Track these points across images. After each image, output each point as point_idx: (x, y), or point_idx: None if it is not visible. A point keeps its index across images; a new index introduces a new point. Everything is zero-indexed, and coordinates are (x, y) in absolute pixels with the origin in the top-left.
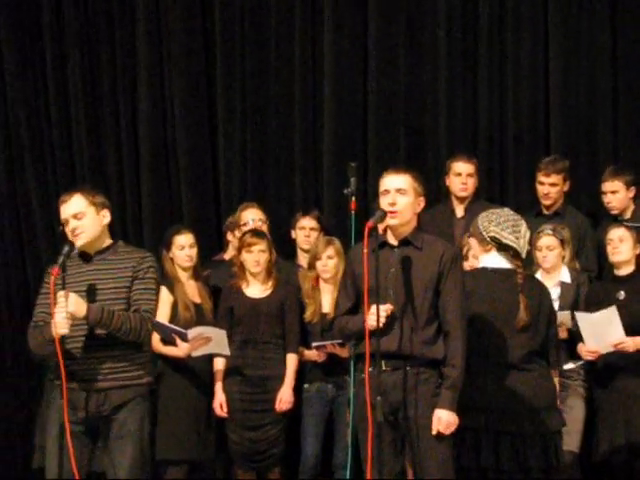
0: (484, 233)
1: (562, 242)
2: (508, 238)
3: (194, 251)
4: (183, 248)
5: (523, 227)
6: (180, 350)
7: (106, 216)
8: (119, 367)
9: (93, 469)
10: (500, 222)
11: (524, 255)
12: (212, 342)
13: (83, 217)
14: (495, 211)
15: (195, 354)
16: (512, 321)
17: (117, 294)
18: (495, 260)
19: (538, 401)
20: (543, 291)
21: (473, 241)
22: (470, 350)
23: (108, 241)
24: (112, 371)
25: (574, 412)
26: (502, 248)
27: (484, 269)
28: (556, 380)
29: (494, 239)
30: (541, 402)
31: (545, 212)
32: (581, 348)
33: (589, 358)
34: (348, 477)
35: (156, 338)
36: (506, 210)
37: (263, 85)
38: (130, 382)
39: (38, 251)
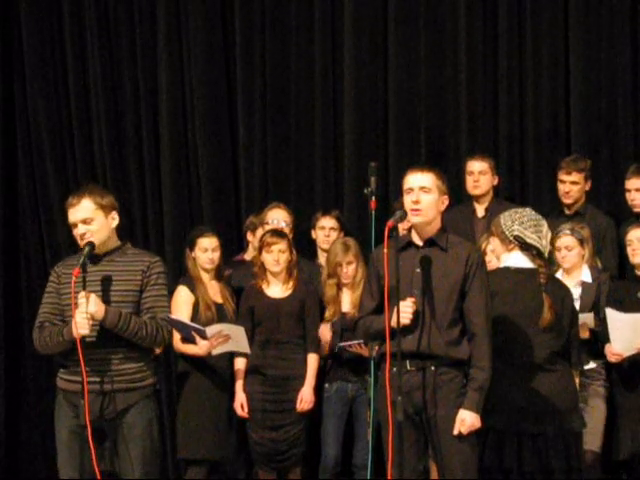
0: (507, 232)
1: (581, 241)
2: (531, 237)
3: (217, 255)
4: (206, 251)
5: (545, 227)
6: (200, 348)
7: (115, 218)
8: (123, 369)
9: (103, 469)
10: (523, 221)
11: (547, 254)
12: (232, 340)
13: (92, 222)
14: (517, 210)
15: (215, 352)
16: (536, 321)
17: (125, 297)
18: (518, 259)
19: (560, 402)
20: (565, 291)
21: (495, 241)
22: (494, 350)
23: (116, 243)
24: (116, 373)
25: (595, 412)
26: (525, 247)
27: (507, 268)
28: (577, 381)
29: (517, 238)
30: (563, 403)
31: (567, 212)
32: (608, 349)
33: (614, 360)
34: (369, 477)
35: (176, 337)
36: (528, 210)
37: (283, 85)
38: (134, 384)
39: (59, 251)
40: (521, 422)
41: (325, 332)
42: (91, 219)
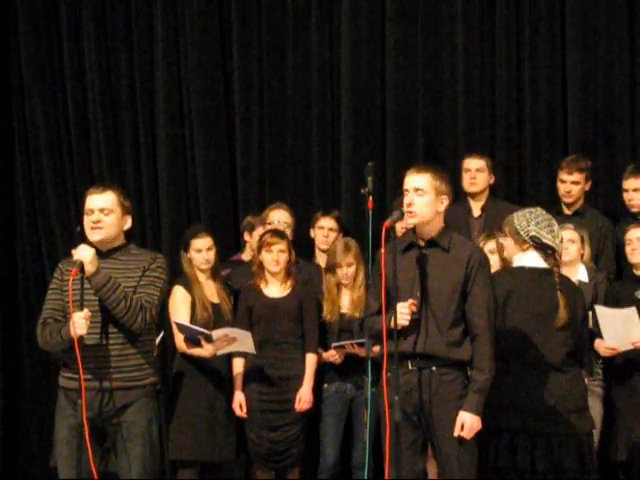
0: (522, 232)
1: (582, 238)
2: (547, 237)
3: (212, 254)
4: (200, 251)
5: (556, 226)
6: (206, 350)
7: (128, 222)
8: (123, 367)
9: (109, 470)
10: (538, 221)
11: (561, 253)
12: (237, 342)
13: (110, 214)
14: (530, 210)
15: (220, 353)
16: (551, 320)
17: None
18: (532, 259)
19: (572, 402)
20: (577, 291)
21: (508, 241)
22: (509, 350)
23: (121, 242)
24: (115, 371)
25: (592, 413)
26: (540, 247)
27: (522, 268)
28: (586, 381)
29: (534, 238)
30: (574, 403)
31: (565, 212)
32: (599, 344)
33: (607, 354)
34: (366, 477)
35: (180, 338)
36: (539, 209)
37: (280, 84)
38: (132, 383)
39: (56, 252)
40: (535, 422)
41: (328, 357)
42: (110, 211)
